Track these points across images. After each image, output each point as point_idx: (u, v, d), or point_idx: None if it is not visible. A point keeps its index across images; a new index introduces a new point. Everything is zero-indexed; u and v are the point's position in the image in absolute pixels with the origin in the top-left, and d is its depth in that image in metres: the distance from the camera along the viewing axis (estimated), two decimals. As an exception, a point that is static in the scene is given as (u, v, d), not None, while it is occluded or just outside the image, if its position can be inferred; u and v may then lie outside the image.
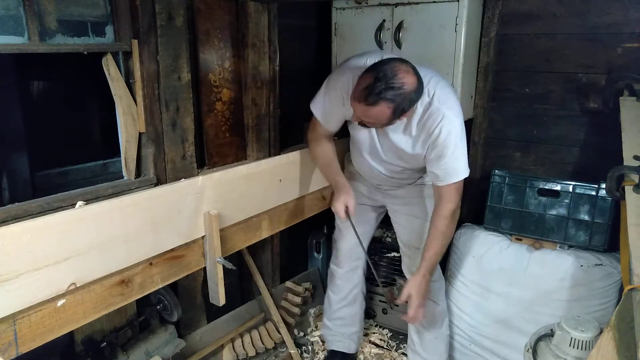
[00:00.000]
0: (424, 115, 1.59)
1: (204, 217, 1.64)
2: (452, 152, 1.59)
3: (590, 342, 1.40)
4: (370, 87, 1.41)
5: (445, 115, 1.56)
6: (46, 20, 1.44)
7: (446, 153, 1.59)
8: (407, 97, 1.44)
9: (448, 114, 1.56)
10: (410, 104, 1.48)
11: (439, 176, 1.65)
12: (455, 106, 1.61)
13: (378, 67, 1.43)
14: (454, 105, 1.60)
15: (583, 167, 2.10)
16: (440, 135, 1.57)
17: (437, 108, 1.56)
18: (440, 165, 1.63)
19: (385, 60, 1.48)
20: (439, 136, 1.58)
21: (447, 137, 1.57)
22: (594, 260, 1.91)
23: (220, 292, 1.72)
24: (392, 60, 1.47)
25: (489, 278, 2.10)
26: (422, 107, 1.58)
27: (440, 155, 1.61)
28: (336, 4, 2.27)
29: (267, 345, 2.25)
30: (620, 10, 1.91)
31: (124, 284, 1.44)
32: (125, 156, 1.69)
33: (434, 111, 1.57)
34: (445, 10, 1.99)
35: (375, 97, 1.41)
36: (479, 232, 2.18)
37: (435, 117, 1.57)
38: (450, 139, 1.57)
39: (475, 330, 2.14)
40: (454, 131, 1.57)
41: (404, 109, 1.47)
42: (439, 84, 1.61)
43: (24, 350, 1.23)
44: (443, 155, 1.60)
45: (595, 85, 2.01)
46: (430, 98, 1.57)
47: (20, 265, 1.18)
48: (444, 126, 1.56)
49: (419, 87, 1.47)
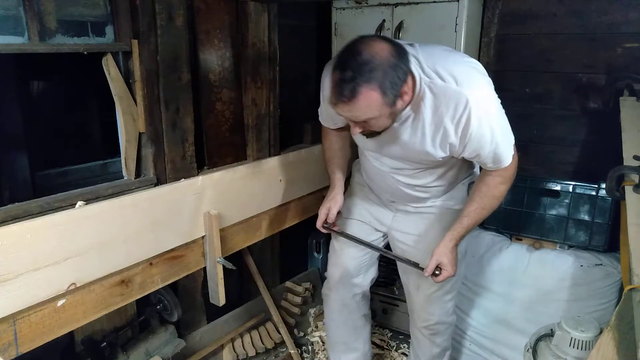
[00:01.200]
0: (439, 103, 1.28)
1: (204, 217, 1.64)
2: (492, 140, 1.29)
3: (590, 342, 1.40)
4: (339, 81, 1.17)
5: (469, 99, 1.23)
6: (46, 20, 1.44)
7: (484, 145, 1.30)
8: (387, 68, 1.16)
9: (473, 95, 1.24)
10: (400, 76, 1.19)
11: (487, 165, 1.39)
12: (478, 80, 1.29)
13: (339, 57, 1.22)
14: (477, 81, 1.29)
15: (583, 167, 2.10)
16: (471, 126, 1.26)
17: (456, 92, 1.24)
18: (482, 158, 1.35)
19: (344, 46, 1.24)
20: (469, 128, 1.27)
21: (479, 126, 1.26)
22: (594, 260, 1.91)
23: (220, 292, 1.72)
24: (351, 42, 1.22)
25: (489, 278, 2.10)
26: (431, 93, 1.27)
27: (479, 148, 1.31)
28: (336, 4, 2.27)
29: (267, 345, 2.25)
30: (620, 10, 1.91)
31: (124, 284, 1.44)
32: (125, 156, 1.69)
33: (453, 96, 1.25)
34: (445, 10, 1.99)
35: (351, 87, 1.15)
36: (479, 232, 2.18)
37: (457, 103, 1.25)
38: (484, 127, 1.27)
39: (475, 330, 2.14)
40: (485, 116, 1.26)
41: (396, 84, 1.18)
42: (449, 58, 1.32)
43: (24, 350, 1.23)
44: (482, 147, 1.31)
45: (595, 85, 2.01)
46: (442, 79, 1.26)
47: (20, 265, 1.18)
48: (472, 113, 1.24)
49: (398, 52, 1.19)
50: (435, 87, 1.27)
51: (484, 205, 1.44)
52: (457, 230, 1.47)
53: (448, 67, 1.27)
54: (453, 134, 1.30)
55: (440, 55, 1.33)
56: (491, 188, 1.43)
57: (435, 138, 1.34)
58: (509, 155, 1.36)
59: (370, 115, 1.22)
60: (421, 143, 1.36)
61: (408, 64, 1.23)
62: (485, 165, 1.40)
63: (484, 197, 1.44)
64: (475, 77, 1.29)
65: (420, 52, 1.30)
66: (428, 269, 1.47)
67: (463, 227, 1.47)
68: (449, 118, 1.28)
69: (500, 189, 1.43)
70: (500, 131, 1.31)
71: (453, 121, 1.28)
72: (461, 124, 1.27)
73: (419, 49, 1.32)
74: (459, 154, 1.36)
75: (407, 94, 1.24)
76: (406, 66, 1.22)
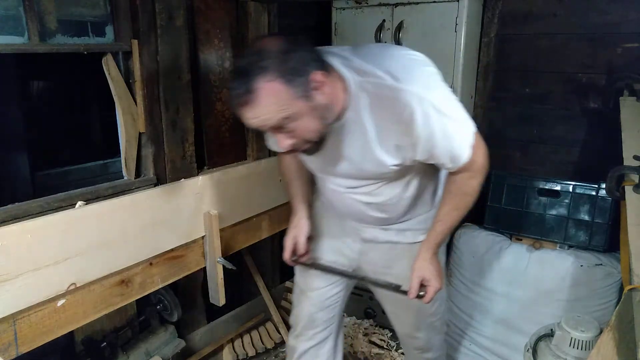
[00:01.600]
0: (377, 104, 1.12)
1: (204, 217, 1.64)
2: (444, 135, 1.13)
3: (590, 342, 1.40)
4: (233, 85, 1.04)
5: (409, 95, 1.08)
6: (46, 20, 1.44)
7: (436, 142, 1.14)
8: (281, 55, 1.01)
9: (413, 89, 1.09)
10: (302, 61, 1.03)
11: (445, 165, 1.22)
12: (418, 72, 1.15)
13: (234, 67, 1.14)
14: (416, 72, 1.14)
15: (583, 167, 2.10)
16: (416, 123, 1.10)
17: (394, 88, 1.09)
18: (438, 158, 1.18)
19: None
20: (414, 126, 1.10)
21: (425, 123, 1.10)
22: (594, 260, 1.91)
23: (220, 292, 1.72)
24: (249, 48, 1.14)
25: (489, 278, 2.10)
26: (366, 94, 1.12)
27: (431, 148, 1.14)
28: (336, 4, 2.27)
29: (267, 345, 2.25)
30: (620, 10, 1.91)
31: (124, 284, 1.44)
32: (125, 156, 1.69)
33: (391, 94, 1.09)
34: (445, 10, 1.99)
35: (246, 86, 1.00)
36: (479, 232, 2.18)
37: (396, 101, 1.09)
38: (431, 122, 1.10)
39: (475, 330, 2.14)
40: (430, 110, 1.09)
41: (300, 71, 1.02)
42: (383, 53, 1.19)
43: (24, 350, 1.23)
44: (434, 146, 1.14)
45: (595, 85, 2.01)
46: (377, 77, 1.11)
47: (20, 265, 1.18)
48: (415, 110, 1.08)
49: (294, 41, 1.05)
50: (370, 86, 1.11)
51: (457, 205, 1.29)
52: (432, 238, 1.33)
53: (382, 63, 1.14)
54: (398, 135, 1.13)
55: (373, 51, 1.21)
56: (460, 185, 1.26)
57: (381, 144, 1.16)
58: (467, 148, 1.17)
59: (284, 114, 1.03)
60: (367, 152, 1.18)
61: (315, 53, 1.08)
62: (444, 166, 1.23)
63: (454, 196, 1.28)
64: (414, 69, 1.15)
65: (349, 51, 1.19)
66: (412, 290, 1.31)
67: (438, 234, 1.32)
68: (390, 119, 1.12)
69: (471, 184, 1.25)
70: (452, 124, 1.14)
71: (396, 121, 1.11)
72: (404, 123, 1.10)
73: (349, 48, 1.22)
74: (412, 159, 1.18)
75: (324, 84, 1.06)
76: (311, 54, 1.06)
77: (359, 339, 2.40)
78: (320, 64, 1.07)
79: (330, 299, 1.55)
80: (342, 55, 1.17)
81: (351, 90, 1.13)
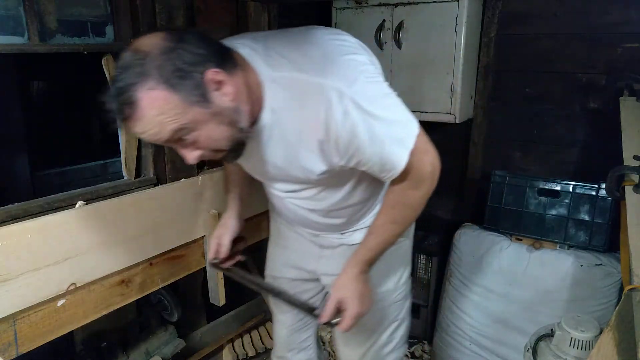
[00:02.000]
0: (294, 101, 0.95)
1: (204, 217, 1.64)
2: (371, 139, 0.94)
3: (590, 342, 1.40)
4: (111, 98, 0.85)
5: (328, 90, 0.91)
6: (46, 20, 1.44)
7: (361, 148, 0.95)
8: (161, 55, 0.82)
9: (333, 83, 0.91)
10: (189, 60, 0.84)
11: (377, 174, 1.04)
12: (341, 62, 0.96)
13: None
14: (339, 62, 0.96)
15: (583, 167, 2.10)
16: (336, 124, 0.92)
17: (311, 83, 0.92)
18: (366, 165, 1.00)
19: None
20: (334, 127, 0.93)
21: (345, 124, 0.92)
22: (594, 260, 1.91)
23: (220, 292, 1.72)
24: None
25: (489, 278, 2.10)
26: (282, 90, 0.95)
27: (357, 153, 0.97)
28: (336, 4, 2.27)
29: (267, 345, 2.25)
30: (620, 10, 1.91)
31: (124, 284, 1.44)
32: (125, 156, 1.69)
33: (308, 89, 0.92)
34: (445, 10, 1.99)
35: (124, 97, 0.83)
36: (479, 232, 2.18)
37: (314, 97, 0.92)
38: (355, 124, 0.92)
39: (475, 330, 2.14)
40: (354, 109, 0.91)
41: (187, 71, 0.83)
42: (304, 39, 1.01)
43: (24, 350, 1.23)
44: (360, 152, 0.96)
45: (595, 85, 2.01)
46: (294, 69, 0.94)
47: (20, 265, 1.18)
48: (334, 108, 0.91)
49: (178, 36, 0.86)
50: (285, 82, 0.94)
51: (394, 218, 1.09)
52: (361, 253, 1.12)
53: (301, 51, 0.97)
54: (319, 137, 0.95)
55: (293, 38, 1.03)
56: (399, 196, 1.07)
57: (305, 149, 0.99)
58: (404, 154, 0.98)
59: (176, 125, 0.85)
60: (291, 159, 1.02)
61: (211, 47, 0.89)
62: (375, 175, 1.04)
63: (392, 208, 1.09)
64: (337, 58, 0.97)
65: (264, 39, 1.01)
66: (324, 314, 1.10)
67: (369, 249, 1.12)
68: (310, 119, 0.94)
69: (412, 195, 1.06)
70: (381, 125, 0.95)
71: (315, 122, 0.93)
72: (323, 123, 0.92)
73: (266, 35, 1.05)
74: (338, 164, 1.00)
75: (224, 84, 0.88)
76: (204, 49, 0.87)
77: (359, 339, 2.40)
78: (217, 60, 0.87)
79: (301, 321, 1.49)
80: (255, 46, 0.98)
81: (265, 87, 0.95)
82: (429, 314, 2.41)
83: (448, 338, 2.22)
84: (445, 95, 2.07)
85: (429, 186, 1.06)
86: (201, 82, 0.85)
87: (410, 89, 2.13)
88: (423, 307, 2.41)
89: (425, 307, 2.41)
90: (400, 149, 0.98)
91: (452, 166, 2.39)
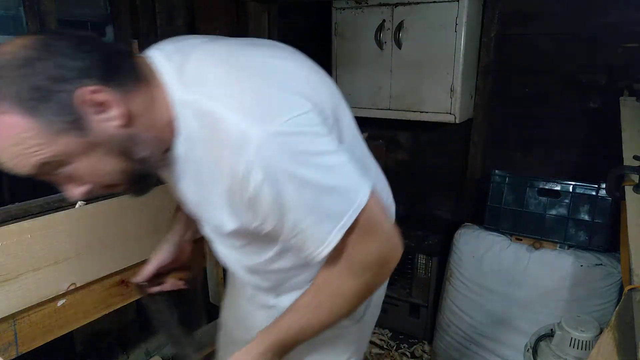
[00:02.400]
0: (207, 139, 0.72)
1: (204, 217, 1.64)
2: (291, 206, 0.72)
3: (590, 342, 1.40)
4: None
5: (247, 137, 0.68)
6: (46, 20, 1.44)
7: (278, 214, 0.73)
8: (20, 72, 0.63)
9: (254, 129, 0.68)
10: (52, 78, 0.64)
11: (300, 254, 0.80)
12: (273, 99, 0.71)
13: None
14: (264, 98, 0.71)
15: (583, 167, 2.10)
16: (250, 183, 0.70)
17: (226, 123, 0.69)
18: (285, 237, 0.77)
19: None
20: (247, 185, 0.70)
21: (254, 179, 0.69)
22: (594, 260, 1.91)
23: (220, 292, 1.72)
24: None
25: (489, 278, 2.10)
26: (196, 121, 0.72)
27: (270, 220, 0.75)
28: (336, 4, 2.27)
29: (267, 345, 2.25)
30: (620, 10, 1.91)
31: (124, 284, 1.44)
32: (125, 156, 1.69)
33: (223, 130, 0.69)
34: (445, 10, 1.99)
35: None
36: (479, 232, 2.18)
37: (228, 142, 0.69)
38: (269, 183, 0.69)
39: (475, 330, 2.14)
40: (272, 167, 0.69)
41: (48, 90, 0.64)
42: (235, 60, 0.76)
43: (24, 350, 1.23)
44: (273, 218, 0.74)
45: (595, 85, 2.01)
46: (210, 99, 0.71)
47: (20, 265, 1.18)
48: (252, 162, 0.68)
49: (40, 45, 0.65)
50: (196, 108, 0.71)
51: (320, 302, 0.84)
52: (271, 331, 0.86)
53: (222, 70, 0.73)
54: (226, 186, 0.73)
55: (221, 51, 0.78)
56: (328, 282, 0.82)
57: (215, 192, 0.76)
58: (332, 233, 0.73)
59: (41, 157, 0.66)
60: (204, 203, 0.82)
61: (95, 54, 0.67)
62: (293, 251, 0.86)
63: (318, 291, 0.84)
64: (269, 90, 0.72)
65: (187, 49, 0.77)
66: None
67: (281, 329, 0.85)
68: (218, 159, 0.71)
69: (346, 285, 0.81)
70: (308, 191, 0.71)
71: (224, 166, 0.71)
72: (230, 172, 0.70)
73: (192, 45, 0.78)
74: (252, 225, 0.78)
75: (110, 105, 0.68)
76: (77, 60, 0.66)
77: (359, 339, 2.40)
78: (101, 74, 0.67)
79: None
80: (174, 55, 0.76)
81: (176, 111, 0.73)
82: (429, 314, 2.41)
83: (448, 338, 2.22)
84: (445, 95, 2.07)
85: (373, 277, 0.81)
86: (70, 103, 0.65)
87: (410, 89, 2.13)
88: (423, 307, 2.41)
89: (425, 307, 2.41)
90: (329, 225, 0.73)
91: (452, 166, 2.39)
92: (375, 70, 2.20)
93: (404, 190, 2.56)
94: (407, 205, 2.58)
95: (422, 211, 2.55)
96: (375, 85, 2.22)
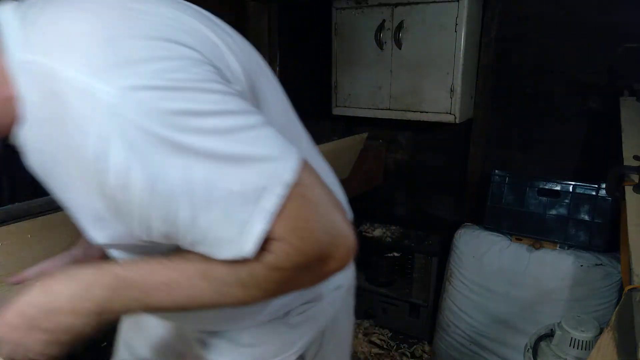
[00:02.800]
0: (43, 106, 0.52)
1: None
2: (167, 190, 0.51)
3: (590, 342, 1.40)
4: None
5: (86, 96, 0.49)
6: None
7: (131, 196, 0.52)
8: None
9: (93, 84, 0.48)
10: None
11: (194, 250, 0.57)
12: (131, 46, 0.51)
13: None
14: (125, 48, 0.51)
15: (583, 167, 2.10)
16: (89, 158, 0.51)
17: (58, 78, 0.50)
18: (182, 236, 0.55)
19: None
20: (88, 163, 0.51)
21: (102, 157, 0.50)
22: (594, 260, 1.92)
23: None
24: None
25: (489, 278, 2.10)
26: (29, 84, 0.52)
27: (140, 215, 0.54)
28: (336, 4, 2.27)
29: (267, 345, 2.25)
30: (620, 10, 1.91)
31: (124, 284, 1.44)
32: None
33: (52, 86, 0.50)
34: (445, 10, 1.99)
35: None
36: (479, 232, 2.18)
37: (62, 108, 0.50)
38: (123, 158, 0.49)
39: (475, 330, 2.14)
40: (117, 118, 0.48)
41: None
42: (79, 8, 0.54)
43: (24, 350, 1.23)
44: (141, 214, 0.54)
45: (595, 85, 2.01)
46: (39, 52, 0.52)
47: (20, 265, 1.17)
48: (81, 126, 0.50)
49: None
50: (39, 77, 0.52)
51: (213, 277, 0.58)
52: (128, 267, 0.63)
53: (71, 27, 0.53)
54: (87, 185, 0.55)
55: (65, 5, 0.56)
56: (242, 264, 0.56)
57: (78, 194, 0.61)
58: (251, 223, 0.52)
59: None
60: (70, 204, 0.68)
61: None
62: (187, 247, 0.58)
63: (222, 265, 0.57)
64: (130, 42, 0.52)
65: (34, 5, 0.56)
66: None
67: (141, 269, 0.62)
68: (70, 148, 0.53)
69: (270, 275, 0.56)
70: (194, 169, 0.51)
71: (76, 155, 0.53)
72: (86, 159, 0.52)
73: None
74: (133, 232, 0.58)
75: None
76: None
77: (359, 339, 2.40)
78: None
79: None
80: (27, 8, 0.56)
81: (16, 77, 0.54)
82: (429, 314, 2.41)
83: (448, 338, 2.22)
84: (445, 95, 2.07)
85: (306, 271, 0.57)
86: None
87: (410, 89, 2.13)
88: (423, 307, 2.42)
89: (425, 307, 2.41)
90: (242, 210, 0.52)
91: (452, 166, 2.39)
92: (375, 70, 2.20)
93: (404, 190, 2.56)
94: (407, 205, 2.58)
95: (422, 211, 2.55)
96: (375, 85, 2.22)
